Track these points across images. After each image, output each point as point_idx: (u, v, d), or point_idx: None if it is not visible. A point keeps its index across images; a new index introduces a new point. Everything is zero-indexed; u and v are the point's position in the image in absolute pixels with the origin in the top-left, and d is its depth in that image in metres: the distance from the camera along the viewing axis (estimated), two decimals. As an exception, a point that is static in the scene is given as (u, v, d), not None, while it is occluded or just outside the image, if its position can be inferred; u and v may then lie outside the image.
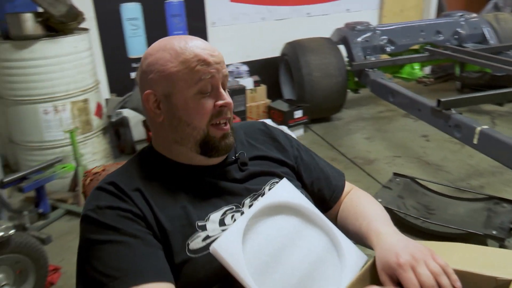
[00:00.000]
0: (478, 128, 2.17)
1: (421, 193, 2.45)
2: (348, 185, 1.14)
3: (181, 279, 0.84)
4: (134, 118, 3.44)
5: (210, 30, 4.00)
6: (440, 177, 2.91)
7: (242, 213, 0.92)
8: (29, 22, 2.61)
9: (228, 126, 0.93)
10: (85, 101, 2.92)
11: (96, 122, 3.06)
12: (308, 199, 0.98)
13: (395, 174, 2.60)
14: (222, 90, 0.91)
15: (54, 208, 2.71)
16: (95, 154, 3.07)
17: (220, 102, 0.90)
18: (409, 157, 3.26)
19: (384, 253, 0.83)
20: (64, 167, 2.66)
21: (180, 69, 0.87)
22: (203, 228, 0.88)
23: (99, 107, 3.08)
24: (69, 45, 2.77)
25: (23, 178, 2.49)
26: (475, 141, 2.19)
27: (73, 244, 2.40)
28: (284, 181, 0.95)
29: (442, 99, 2.43)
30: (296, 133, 3.73)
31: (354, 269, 0.90)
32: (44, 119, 2.80)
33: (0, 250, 1.78)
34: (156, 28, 3.67)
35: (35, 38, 2.65)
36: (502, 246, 2.00)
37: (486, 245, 2.02)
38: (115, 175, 0.93)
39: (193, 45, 0.90)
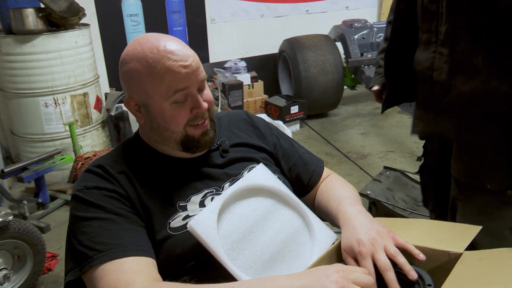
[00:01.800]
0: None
1: (410, 186, 2.51)
2: (326, 172, 1.20)
3: (161, 254, 0.90)
4: (133, 112, 3.51)
5: (210, 27, 4.06)
6: (432, 172, 2.96)
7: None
8: (31, 17, 2.68)
9: (206, 123, 0.97)
10: (85, 94, 2.99)
11: (96, 115, 3.13)
12: (285, 183, 1.04)
13: (386, 167, 2.66)
14: (198, 97, 0.93)
15: (53, 198, 2.78)
16: (94, 147, 3.14)
17: (195, 110, 0.93)
18: (402, 152, 3.31)
19: (347, 236, 0.89)
20: (63, 159, 2.73)
21: (153, 84, 0.89)
22: (184, 208, 0.94)
23: (98, 100, 3.15)
24: (70, 40, 2.84)
25: (23, 169, 2.56)
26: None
27: (71, 233, 2.50)
28: (261, 165, 1.01)
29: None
30: (292, 128, 3.79)
31: (324, 247, 0.96)
32: (44, 111, 2.88)
33: None
34: (156, 24, 3.73)
35: (36, 33, 2.73)
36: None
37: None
38: (103, 159, 0.99)
39: (165, 55, 0.89)
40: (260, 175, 0.99)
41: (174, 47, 0.91)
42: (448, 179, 1.13)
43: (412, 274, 0.79)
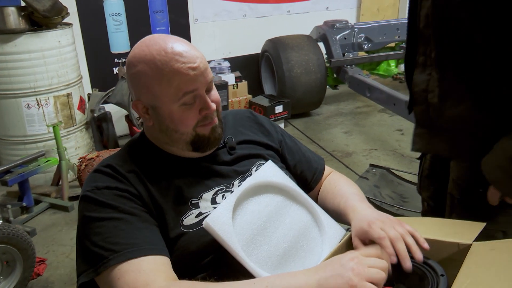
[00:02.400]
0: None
1: (396, 183, 2.58)
2: (327, 169, 1.23)
3: (175, 252, 0.90)
4: (117, 113, 3.47)
5: (193, 27, 4.04)
6: (414, 168, 3.03)
7: (232, 192, 1.00)
8: (13, 16, 2.62)
9: (215, 119, 0.98)
10: (68, 95, 2.94)
11: (79, 116, 3.08)
12: (292, 179, 1.07)
13: (372, 165, 2.72)
14: (206, 97, 0.93)
15: (37, 202, 2.72)
16: (78, 149, 3.09)
17: (204, 112, 0.93)
18: (385, 150, 3.39)
19: (358, 223, 0.92)
20: (48, 161, 2.68)
21: (162, 87, 0.89)
22: (196, 206, 0.95)
23: (82, 101, 3.10)
24: (53, 39, 2.78)
25: (6, 172, 2.50)
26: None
27: (58, 237, 2.45)
28: (269, 162, 1.03)
29: (416, 94, 2.56)
30: (277, 128, 3.81)
31: (333, 241, 0.99)
32: (27, 113, 2.81)
33: (-12, 240, 1.80)
34: (139, 23, 3.70)
35: (18, 32, 2.66)
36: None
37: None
38: (111, 158, 0.98)
39: (173, 57, 0.89)
40: (269, 172, 1.00)
41: (182, 49, 0.91)
42: (448, 172, 1.17)
43: (419, 254, 0.82)
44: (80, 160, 1.18)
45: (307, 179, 1.17)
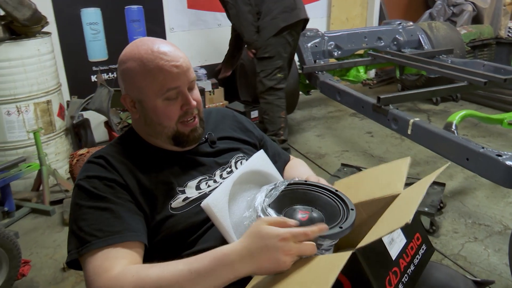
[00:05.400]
0: (411, 120, 2.50)
1: (365, 180, 2.75)
2: (290, 157, 1.42)
3: (162, 233, 1.01)
4: (95, 119, 3.53)
5: (169, 35, 4.15)
6: (383, 167, 3.24)
7: (214, 181, 1.12)
8: (-7, 25, 2.67)
9: (196, 121, 1.09)
10: (48, 102, 2.99)
11: (59, 123, 3.13)
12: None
13: (343, 164, 2.89)
14: (188, 95, 1.04)
15: (18, 207, 2.75)
16: (58, 155, 3.14)
17: (185, 107, 1.05)
18: (356, 151, 3.58)
19: None
20: (29, 166, 2.72)
21: (147, 82, 1.00)
22: (183, 192, 1.07)
23: (61, 108, 3.16)
24: (33, 47, 2.84)
25: (-12, 177, 2.53)
26: (409, 132, 2.51)
27: (40, 239, 2.51)
28: (261, 152, 1.16)
29: (381, 96, 2.75)
30: (253, 132, 3.95)
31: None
32: (6, 120, 2.85)
33: (-24, 240, 1.85)
34: (116, 32, 3.78)
35: (-2, 41, 2.71)
36: (432, 220, 2.32)
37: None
38: (103, 150, 1.09)
39: (158, 55, 0.99)
40: (261, 160, 1.13)
41: (167, 49, 1.03)
42: None
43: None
44: (72, 156, 1.27)
45: (279, 167, 1.32)
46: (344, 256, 0.75)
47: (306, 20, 3.33)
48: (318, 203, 0.97)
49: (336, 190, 0.99)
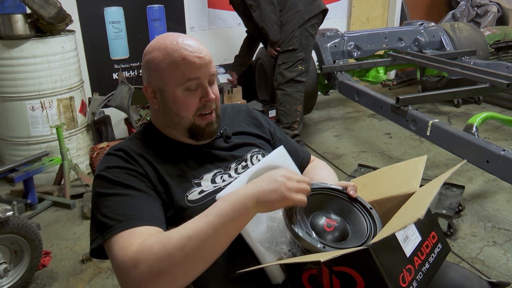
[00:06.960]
0: (430, 122, 2.47)
1: (383, 181, 2.73)
2: (312, 158, 1.40)
3: (180, 223, 1.03)
4: (116, 116, 3.60)
5: (189, 34, 4.20)
6: (401, 169, 3.20)
7: (229, 175, 1.14)
8: (20, 23, 2.76)
9: (213, 115, 1.12)
10: (71, 98, 3.07)
11: (81, 119, 3.21)
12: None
13: (360, 165, 2.87)
14: (207, 87, 1.07)
15: (40, 200, 2.83)
16: (79, 150, 3.21)
17: (204, 99, 1.08)
18: (374, 152, 3.55)
19: None
20: (52, 160, 2.79)
21: (170, 70, 1.03)
22: (198, 184, 1.09)
23: (83, 104, 3.23)
24: (57, 45, 2.92)
25: (12, 170, 2.61)
26: (428, 133, 2.48)
27: (61, 232, 2.57)
28: (281, 148, 1.15)
29: (400, 97, 2.72)
30: (270, 131, 3.96)
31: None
32: (31, 115, 2.94)
33: None
34: (137, 31, 3.85)
35: (25, 38, 2.80)
36: (450, 223, 2.29)
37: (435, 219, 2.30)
38: (122, 143, 1.12)
39: (182, 46, 1.03)
40: (280, 156, 1.12)
41: (191, 42, 1.06)
42: None
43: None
44: (92, 149, 1.31)
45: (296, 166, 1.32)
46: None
47: (325, 11, 3.39)
48: (349, 217, 0.99)
49: (371, 208, 1.00)
